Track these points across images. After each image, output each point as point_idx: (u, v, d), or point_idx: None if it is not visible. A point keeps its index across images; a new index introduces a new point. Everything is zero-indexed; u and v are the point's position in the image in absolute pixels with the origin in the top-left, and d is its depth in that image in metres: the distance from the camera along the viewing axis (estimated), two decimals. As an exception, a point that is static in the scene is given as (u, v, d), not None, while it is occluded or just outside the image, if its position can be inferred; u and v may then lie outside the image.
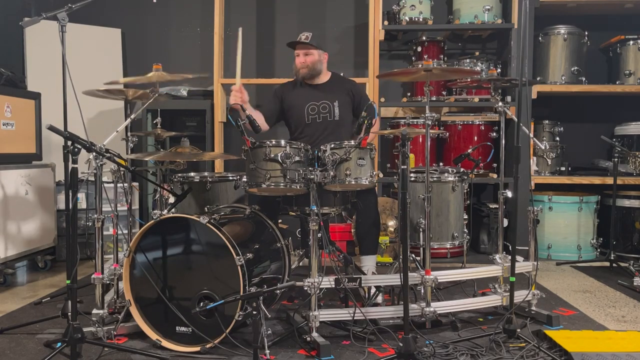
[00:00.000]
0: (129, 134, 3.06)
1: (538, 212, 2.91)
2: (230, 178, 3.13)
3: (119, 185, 3.02)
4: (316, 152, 2.75)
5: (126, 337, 2.63)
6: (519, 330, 2.52)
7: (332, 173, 2.62)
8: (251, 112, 3.14)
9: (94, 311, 2.58)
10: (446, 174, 3.01)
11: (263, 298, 2.32)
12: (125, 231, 3.17)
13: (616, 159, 4.15)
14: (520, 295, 2.79)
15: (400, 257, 2.42)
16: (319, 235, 2.52)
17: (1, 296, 3.43)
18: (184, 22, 5.17)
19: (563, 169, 4.75)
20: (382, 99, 4.67)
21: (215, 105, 4.62)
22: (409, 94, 4.75)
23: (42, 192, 3.96)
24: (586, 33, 4.68)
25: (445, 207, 2.98)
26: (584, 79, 4.65)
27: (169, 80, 2.90)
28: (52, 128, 2.23)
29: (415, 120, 4.40)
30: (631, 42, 4.65)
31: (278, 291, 2.73)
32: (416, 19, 4.55)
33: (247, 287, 2.39)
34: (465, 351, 2.41)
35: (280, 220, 3.44)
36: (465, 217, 3.05)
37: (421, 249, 2.83)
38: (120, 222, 2.97)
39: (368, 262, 3.17)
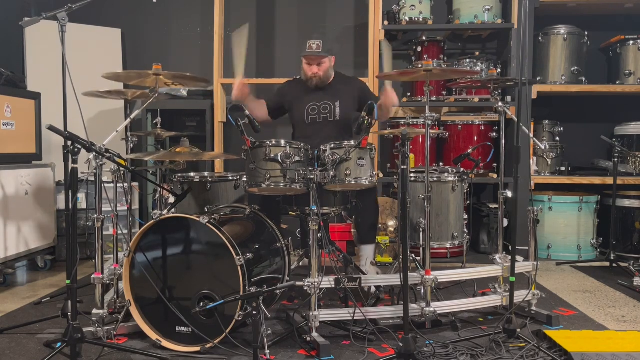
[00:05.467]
0: (129, 134, 3.06)
1: (538, 212, 2.92)
2: (230, 178, 3.13)
3: (119, 185, 3.02)
4: (316, 152, 2.75)
5: (126, 337, 2.63)
6: (519, 330, 2.51)
7: (332, 173, 2.62)
8: (253, 102, 3.28)
9: (94, 311, 2.57)
10: (446, 174, 3.01)
11: (263, 298, 2.32)
12: (125, 231, 3.17)
13: (616, 159, 4.15)
14: (520, 295, 2.79)
15: (400, 257, 2.42)
16: (319, 235, 2.53)
17: (1, 296, 3.43)
18: (184, 22, 5.17)
19: (563, 169, 4.75)
20: (382, 99, 4.67)
21: (215, 105, 4.62)
22: (409, 94, 4.76)
23: (42, 192, 3.96)
24: (586, 33, 4.68)
25: (445, 207, 2.98)
26: (584, 79, 4.65)
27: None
28: (52, 128, 2.23)
29: (415, 120, 4.41)
30: (631, 42, 4.65)
31: (278, 291, 2.74)
32: (416, 19, 4.55)
33: (247, 287, 2.39)
34: (465, 351, 2.41)
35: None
36: (465, 217, 3.05)
37: (421, 249, 2.82)
38: (120, 222, 2.98)
39: (366, 252, 3.19)
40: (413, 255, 2.95)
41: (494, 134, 4.52)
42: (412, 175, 2.97)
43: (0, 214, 3.55)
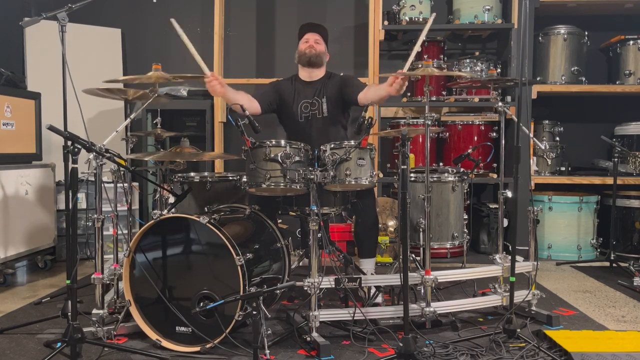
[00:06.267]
0: (128, 134, 3.05)
1: (538, 212, 2.92)
2: (230, 178, 3.13)
3: (119, 185, 3.02)
4: (316, 152, 2.75)
5: (126, 337, 2.63)
6: (519, 330, 2.52)
7: (332, 173, 2.62)
8: (234, 95, 3.05)
9: (94, 311, 2.57)
10: (446, 174, 3.01)
11: (263, 298, 2.32)
12: (125, 231, 3.18)
13: (616, 159, 4.15)
14: (520, 295, 2.79)
15: (400, 257, 2.42)
16: (319, 235, 2.53)
17: (1, 296, 3.43)
18: (184, 22, 5.11)
19: (563, 169, 4.75)
20: (382, 99, 4.67)
21: (215, 105, 4.62)
22: (409, 94, 4.75)
23: (42, 192, 3.96)
24: (586, 33, 4.68)
25: (445, 207, 2.98)
26: (584, 79, 4.65)
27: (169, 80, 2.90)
28: (52, 128, 2.23)
29: (415, 120, 4.41)
30: (631, 42, 4.65)
31: (278, 291, 2.74)
32: (416, 19, 4.55)
33: (247, 287, 2.39)
34: (465, 351, 2.41)
35: (280, 221, 3.44)
36: (465, 217, 3.05)
37: (421, 249, 2.83)
38: (120, 222, 2.97)
39: (367, 265, 3.17)
40: (413, 255, 2.95)
41: (494, 134, 4.52)
42: (412, 175, 2.97)
43: (0, 214, 3.55)
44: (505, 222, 3.06)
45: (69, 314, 2.26)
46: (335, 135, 3.20)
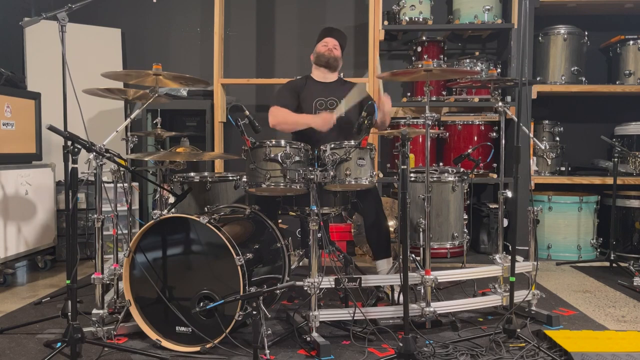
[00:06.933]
0: (129, 134, 3.06)
1: (538, 212, 2.91)
2: (230, 178, 3.13)
3: (119, 185, 3.02)
4: (316, 152, 2.75)
5: (126, 337, 2.63)
6: (519, 330, 2.52)
7: (332, 173, 2.62)
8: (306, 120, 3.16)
9: (94, 311, 2.58)
10: (446, 174, 3.01)
11: (263, 298, 2.32)
12: (125, 231, 3.18)
13: (616, 159, 4.15)
14: (520, 295, 2.79)
15: (400, 257, 2.42)
16: (319, 235, 2.53)
17: (1, 296, 3.43)
18: (184, 22, 5.17)
19: (563, 169, 4.76)
20: (382, 99, 4.67)
21: (215, 105, 4.62)
22: (409, 94, 4.76)
23: (42, 192, 3.96)
24: (586, 33, 4.68)
25: (445, 207, 2.98)
26: (584, 79, 4.65)
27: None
28: (52, 128, 2.23)
29: (415, 120, 4.41)
30: (631, 42, 4.65)
31: (278, 291, 2.74)
32: (416, 19, 4.55)
33: (247, 287, 2.39)
34: (465, 351, 2.41)
35: (280, 220, 3.44)
36: (465, 217, 3.05)
37: (421, 249, 2.82)
38: (120, 222, 2.98)
39: (381, 267, 3.15)
40: (413, 255, 2.95)
41: (494, 134, 4.53)
42: (412, 175, 2.97)
43: (0, 214, 3.55)
44: (505, 222, 3.06)
45: (69, 314, 2.26)
46: (346, 134, 3.21)
